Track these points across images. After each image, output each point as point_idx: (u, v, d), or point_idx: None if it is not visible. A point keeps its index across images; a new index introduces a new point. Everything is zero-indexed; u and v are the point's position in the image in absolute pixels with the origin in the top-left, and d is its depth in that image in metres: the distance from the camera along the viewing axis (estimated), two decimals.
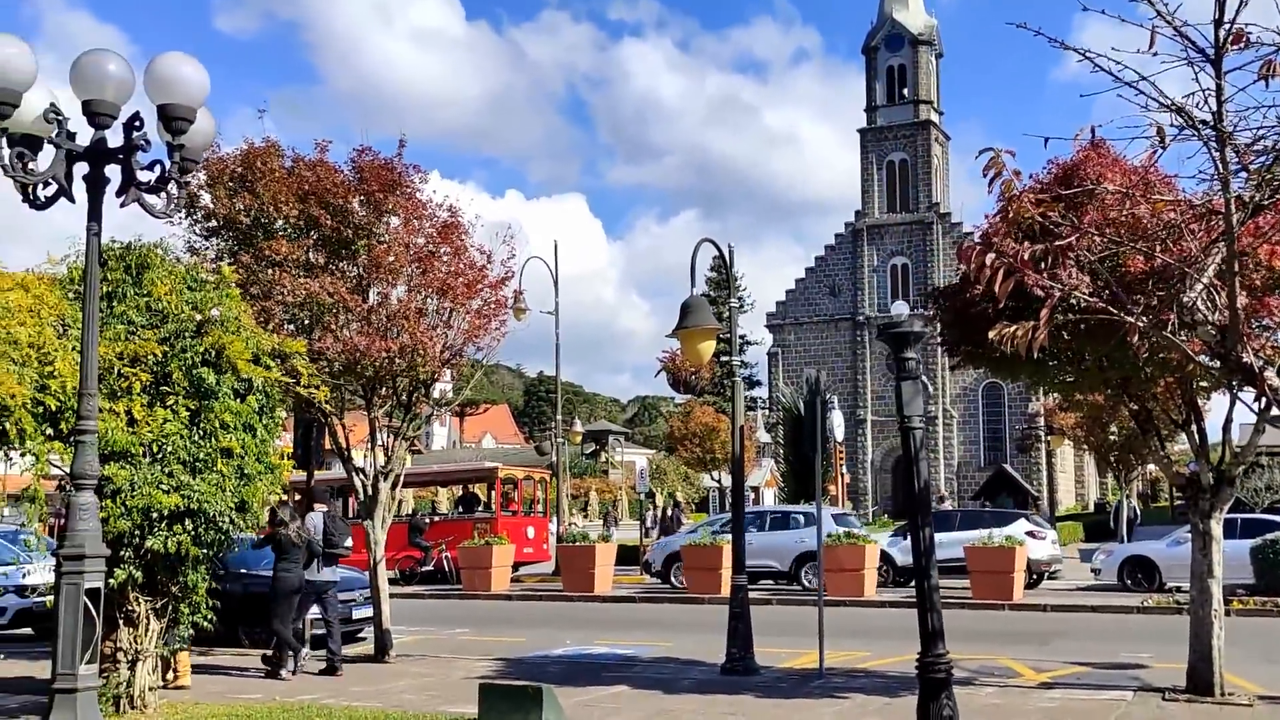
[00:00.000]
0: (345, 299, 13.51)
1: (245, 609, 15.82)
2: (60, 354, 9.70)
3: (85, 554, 6.35)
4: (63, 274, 10.90)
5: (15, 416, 9.10)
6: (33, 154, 6.64)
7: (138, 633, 10.56)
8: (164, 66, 6.45)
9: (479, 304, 14.35)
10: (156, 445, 10.47)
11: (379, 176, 13.86)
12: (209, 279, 11.34)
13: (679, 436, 37.98)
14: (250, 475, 10.98)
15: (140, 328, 10.64)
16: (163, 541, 10.27)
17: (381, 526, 14.63)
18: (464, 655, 15.49)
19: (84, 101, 6.52)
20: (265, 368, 11.08)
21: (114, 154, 6.70)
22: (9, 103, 6.28)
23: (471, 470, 36.04)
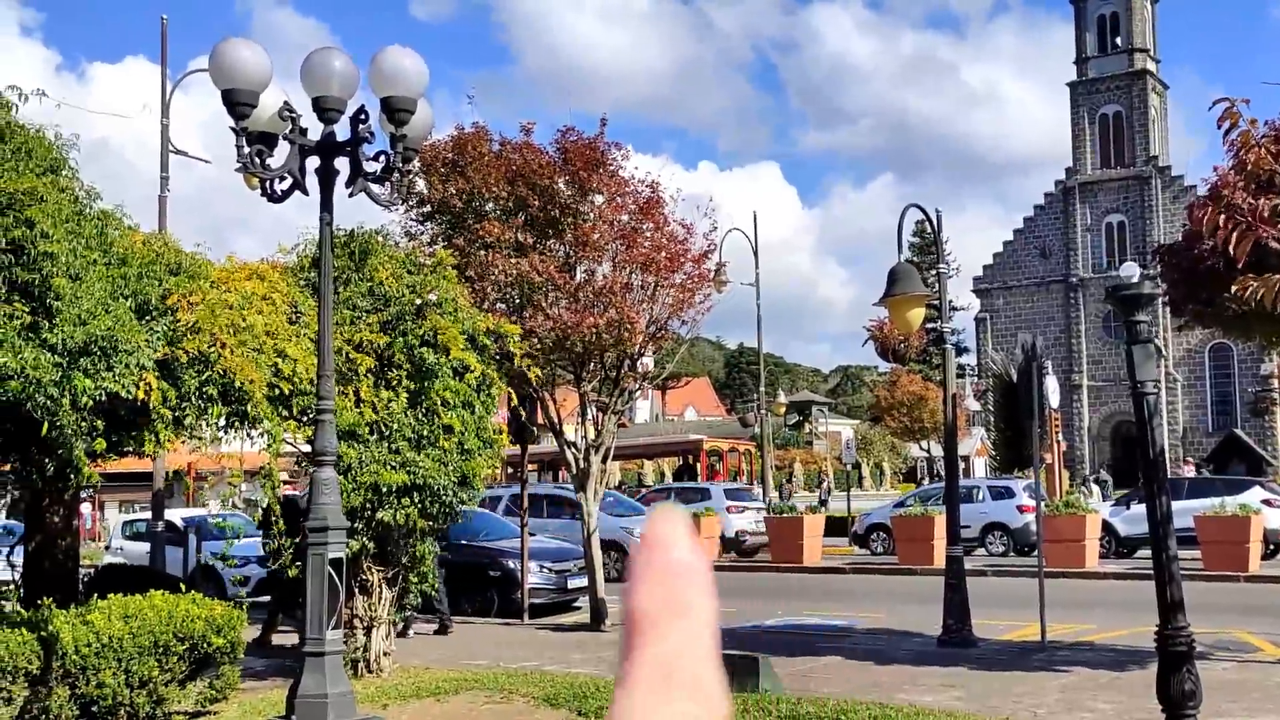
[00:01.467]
0: (554, 277, 13.83)
1: (465, 577, 16.50)
2: (292, 339, 10.26)
3: (329, 526, 6.74)
4: (292, 262, 11.51)
5: (254, 400, 9.68)
6: (269, 150, 7.05)
7: (372, 600, 11.13)
8: (387, 60, 6.74)
9: (682, 278, 14.46)
10: (383, 424, 10.99)
11: (582, 156, 14.11)
12: (426, 263, 11.79)
13: (885, 406, 37.43)
14: (470, 450, 11.40)
15: (364, 312, 11.15)
16: (392, 514, 10.78)
17: (594, 498, 14.95)
18: None
19: (314, 98, 6.87)
20: (482, 349, 11.47)
21: (342, 147, 7.05)
22: (248, 103, 6.68)
23: (677, 443, 36.40)
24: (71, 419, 8.25)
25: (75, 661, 8.44)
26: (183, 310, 9.46)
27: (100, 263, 8.78)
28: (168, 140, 20.00)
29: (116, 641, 8.63)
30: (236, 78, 6.59)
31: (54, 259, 7.81)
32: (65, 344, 8.09)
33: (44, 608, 8.94)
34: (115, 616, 8.83)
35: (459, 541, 16.27)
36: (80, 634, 8.52)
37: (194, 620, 9.17)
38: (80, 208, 8.85)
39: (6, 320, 7.67)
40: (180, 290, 9.56)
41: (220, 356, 9.47)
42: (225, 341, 9.53)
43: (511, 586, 17.05)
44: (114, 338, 8.39)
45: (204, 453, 10.85)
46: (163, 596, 9.37)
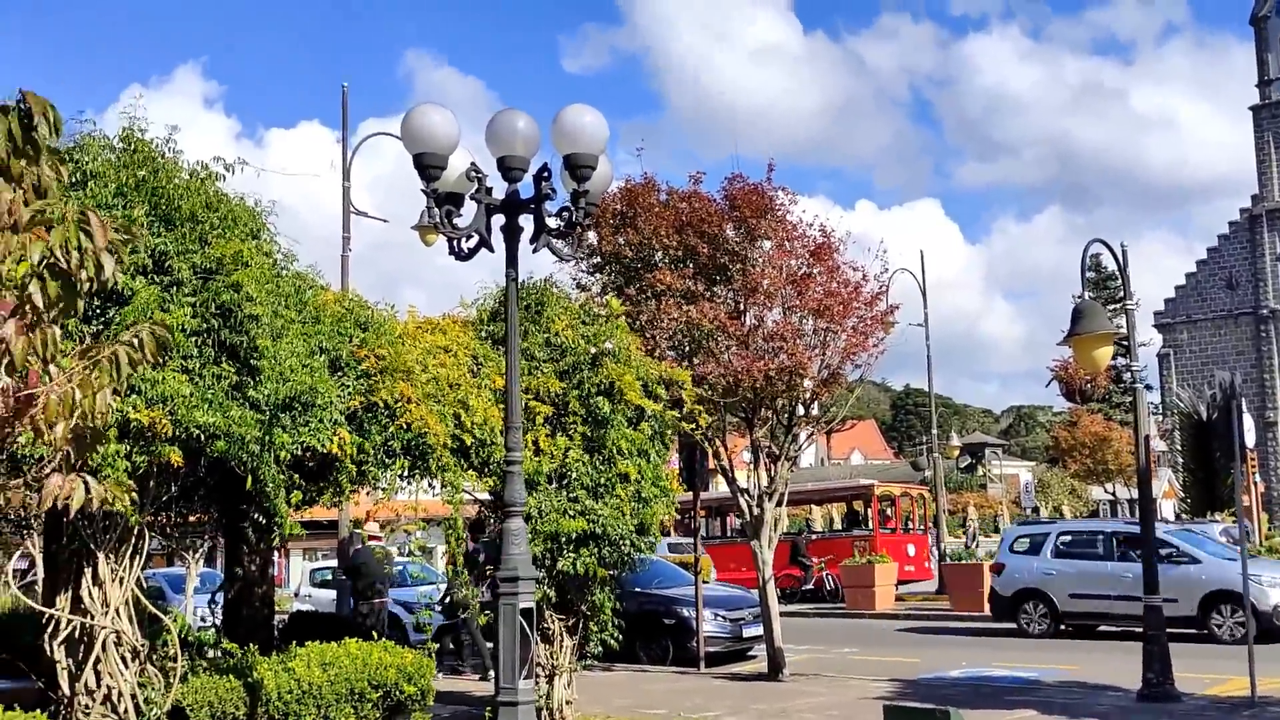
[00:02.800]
0: (724, 323, 13.87)
1: (641, 626, 16.52)
2: (474, 391, 10.52)
3: (519, 576, 6.85)
4: (472, 316, 11.83)
5: (438, 453, 9.94)
6: (457, 209, 7.28)
7: (554, 649, 11.23)
8: (569, 119, 6.91)
9: (855, 322, 14.31)
10: (560, 472, 11.15)
11: (750, 202, 14.16)
12: (600, 313, 11.96)
13: (1065, 448, 36.13)
14: (647, 499, 11.46)
15: (541, 362, 11.35)
16: (571, 563, 10.89)
17: (769, 545, 14.84)
18: (856, 675, 15.40)
19: (499, 158, 7.09)
20: (654, 397, 11.56)
21: (526, 204, 7.24)
22: (438, 166, 6.93)
23: (847, 488, 35.84)
24: (272, 472, 8.61)
25: (278, 707, 8.75)
26: (369, 364, 9.81)
27: (296, 321, 9.18)
28: (348, 202, 20.88)
29: (315, 688, 8.92)
30: (427, 142, 6.85)
31: (258, 321, 8.20)
32: (268, 401, 8.47)
33: (248, 654, 9.31)
34: (314, 664, 9.13)
35: (633, 589, 16.33)
36: (282, 680, 8.84)
37: (387, 668, 9.41)
38: (278, 270, 9.28)
39: (215, 381, 8.07)
40: (368, 345, 9.92)
41: (405, 410, 9.78)
42: (409, 395, 9.84)
43: (686, 635, 17.01)
44: (312, 393, 8.74)
45: (382, 502, 11.20)
46: (357, 644, 9.66)
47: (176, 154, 8.69)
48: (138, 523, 8.27)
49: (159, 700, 8.35)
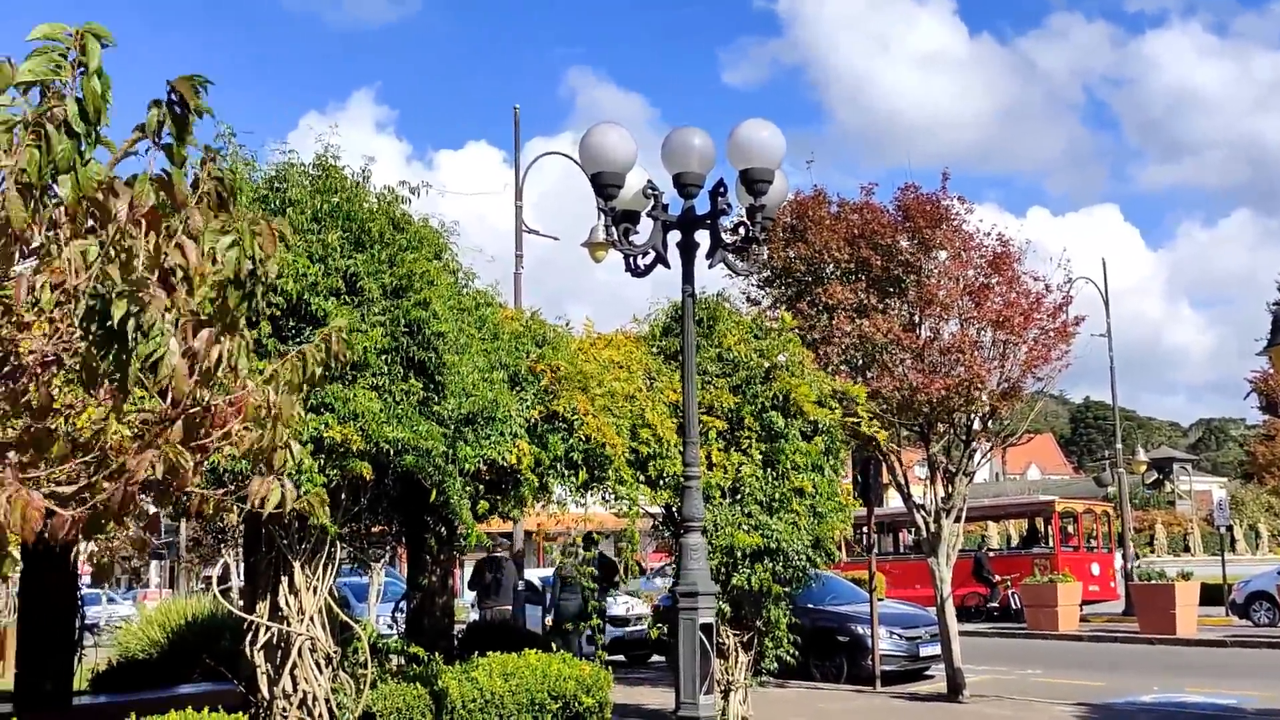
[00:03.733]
0: (898, 337, 13.64)
1: (815, 642, 16.33)
2: (649, 405, 10.60)
3: (698, 591, 6.86)
4: (645, 331, 11.94)
5: (615, 464, 10.06)
6: (633, 226, 7.37)
7: (729, 664, 11.21)
8: (745, 133, 6.92)
9: (1036, 333, 13.88)
10: (734, 487, 11.14)
11: (924, 212, 13.91)
12: (773, 327, 11.91)
13: (1262, 463, 34.21)
14: (822, 513, 11.35)
15: (714, 377, 11.37)
16: (746, 578, 10.86)
17: (947, 563, 14.49)
18: (1040, 697, 14.88)
19: (674, 175, 7.14)
20: (829, 410, 11.46)
21: (702, 220, 7.27)
22: (615, 184, 7.03)
23: (1027, 504, 34.71)
24: (457, 485, 8.86)
25: (462, 716, 8.97)
26: (547, 378, 10.00)
27: (478, 338, 9.43)
28: (521, 220, 21.35)
29: (497, 698, 9.12)
30: (605, 161, 6.96)
31: (443, 337, 8.46)
32: (452, 415, 8.72)
33: (432, 663, 9.58)
34: (495, 674, 9.33)
35: (806, 605, 16.16)
36: (466, 690, 9.06)
37: (566, 679, 9.55)
38: (460, 288, 9.56)
39: (404, 396, 8.35)
40: (545, 360, 10.12)
41: (583, 423, 9.93)
42: (586, 407, 9.99)
43: (860, 652, 16.75)
44: (493, 407, 8.97)
45: (553, 514, 11.37)
46: (536, 655, 9.83)
47: (366, 179, 9.05)
48: (335, 534, 8.61)
49: (351, 705, 8.65)
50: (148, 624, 18.71)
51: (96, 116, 3.23)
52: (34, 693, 10.43)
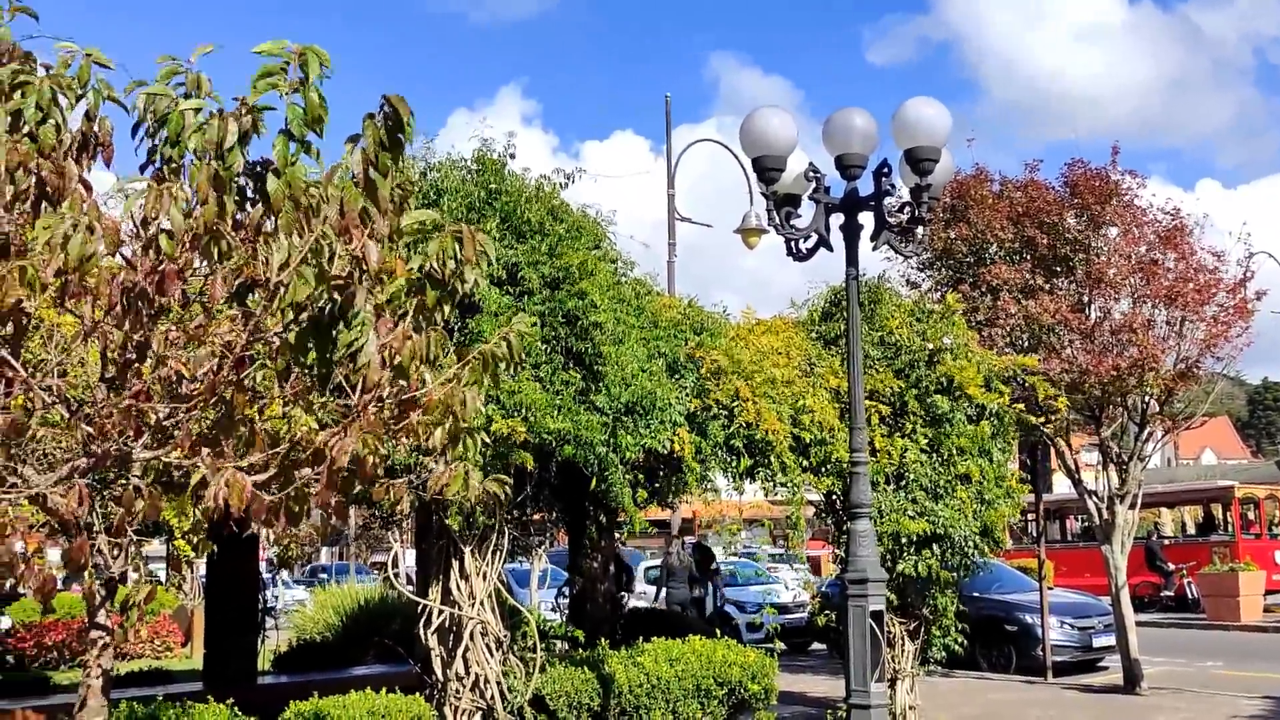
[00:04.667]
0: (1066, 317, 13.20)
1: (982, 632, 15.95)
2: (810, 391, 10.49)
3: (868, 578, 6.76)
4: (803, 317, 11.81)
5: (777, 450, 9.98)
6: (795, 210, 7.30)
7: (895, 653, 11.03)
8: (910, 112, 6.78)
9: (1215, 310, 13.25)
10: (898, 473, 10.95)
11: (1092, 188, 13.41)
12: (935, 309, 11.65)
13: None
14: (989, 500, 11.06)
15: (875, 361, 11.18)
16: (912, 565, 10.67)
17: (1121, 551, 13.98)
18: (1222, 691, 14.24)
19: (836, 156, 7.04)
20: (996, 393, 11.17)
21: (866, 201, 7.15)
22: (776, 169, 6.96)
23: (1203, 489, 33.21)
24: (618, 473, 8.92)
25: (629, 700, 9.05)
26: (706, 366, 9.99)
27: (636, 327, 9.48)
28: (673, 208, 21.39)
29: (664, 684, 9.17)
30: (766, 145, 6.90)
31: (602, 328, 8.53)
32: (611, 405, 8.79)
33: (599, 648, 9.68)
34: (661, 659, 9.38)
35: (971, 594, 15.79)
36: (632, 675, 9.13)
37: (731, 666, 9.54)
38: (618, 277, 9.61)
39: (564, 387, 8.45)
40: (704, 348, 10.10)
41: (743, 409, 9.89)
42: (746, 394, 9.94)
43: (1029, 642, 16.30)
44: (652, 396, 9.00)
45: (710, 502, 11.34)
46: (700, 642, 9.85)
47: (523, 170, 9.18)
48: (502, 522, 8.78)
49: (521, 688, 8.82)
50: (321, 608, 19.42)
51: (315, 124, 3.41)
52: (221, 671, 10.93)
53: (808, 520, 10.53)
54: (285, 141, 3.44)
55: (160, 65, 3.53)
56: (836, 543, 11.89)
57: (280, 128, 3.53)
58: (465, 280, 4.32)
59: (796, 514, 10.40)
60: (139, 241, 3.72)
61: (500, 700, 8.75)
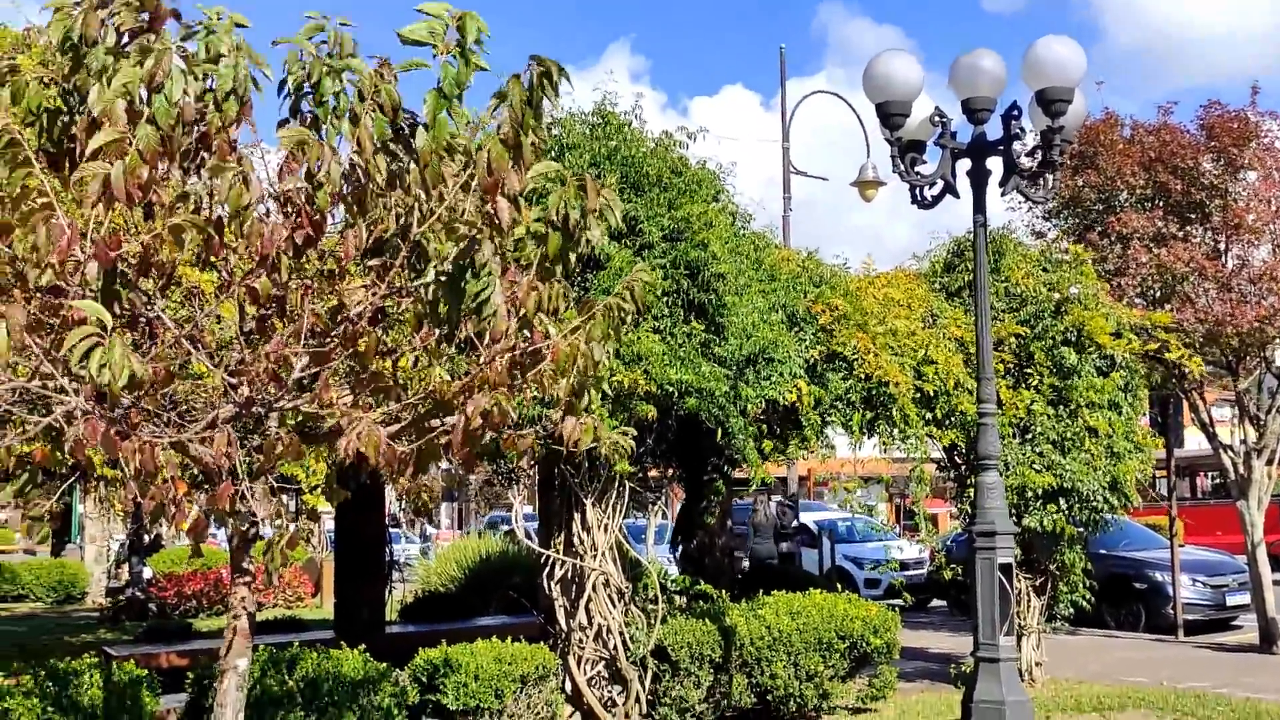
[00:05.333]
0: (1201, 266, 12.71)
1: (1109, 589, 15.60)
2: (933, 342, 10.32)
3: (996, 530, 6.65)
4: (925, 269, 11.59)
5: (900, 403, 9.85)
6: (920, 157, 7.14)
7: (1020, 609, 10.86)
8: (1041, 50, 6.56)
9: None
10: (1023, 426, 10.72)
11: (1230, 130, 12.86)
12: (1063, 259, 11.34)
13: None
14: (1119, 454, 10.78)
15: (1000, 312, 10.94)
16: (1038, 520, 10.46)
17: (1258, 508, 13.50)
18: None
19: (963, 100, 6.85)
20: (1127, 341, 10.86)
21: (993, 146, 6.96)
22: (901, 114, 6.81)
23: None
24: (740, 425, 8.90)
25: (751, 653, 9.07)
26: (825, 317, 9.89)
27: (756, 279, 9.42)
28: (788, 163, 21.15)
29: (785, 636, 9.16)
30: (891, 89, 6.75)
31: (723, 279, 8.49)
32: (732, 357, 8.76)
33: (719, 600, 9.72)
34: (783, 612, 9.37)
35: (1098, 551, 15.43)
36: (754, 628, 9.15)
37: (852, 620, 9.49)
38: (737, 230, 9.55)
39: (686, 339, 8.44)
40: (823, 299, 9.99)
41: (864, 361, 9.77)
42: (867, 345, 9.82)
43: (1159, 600, 15.89)
44: (773, 347, 8.95)
45: (824, 458, 11.23)
46: (822, 596, 9.81)
47: (642, 124, 9.14)
48: (623, 474, 8.83)
49: (643, 639, 8.91)
50: (444, 561, 19.88)
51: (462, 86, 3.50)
52: (351, 620, 11.26)
53: (920, 479, 10.38)
54: (436, 98, 3.51)
55: (305, 21, 3.60)
56: (958, 499, 11.71)
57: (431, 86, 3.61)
58: (590, 231, 4.33)
59: (920, 468, 10.28)
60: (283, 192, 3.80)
61: (623, 650, 8.85)
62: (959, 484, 11.34)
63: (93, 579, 24.07)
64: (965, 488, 10.91)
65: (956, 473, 11.31)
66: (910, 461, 10.75)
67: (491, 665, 8.09)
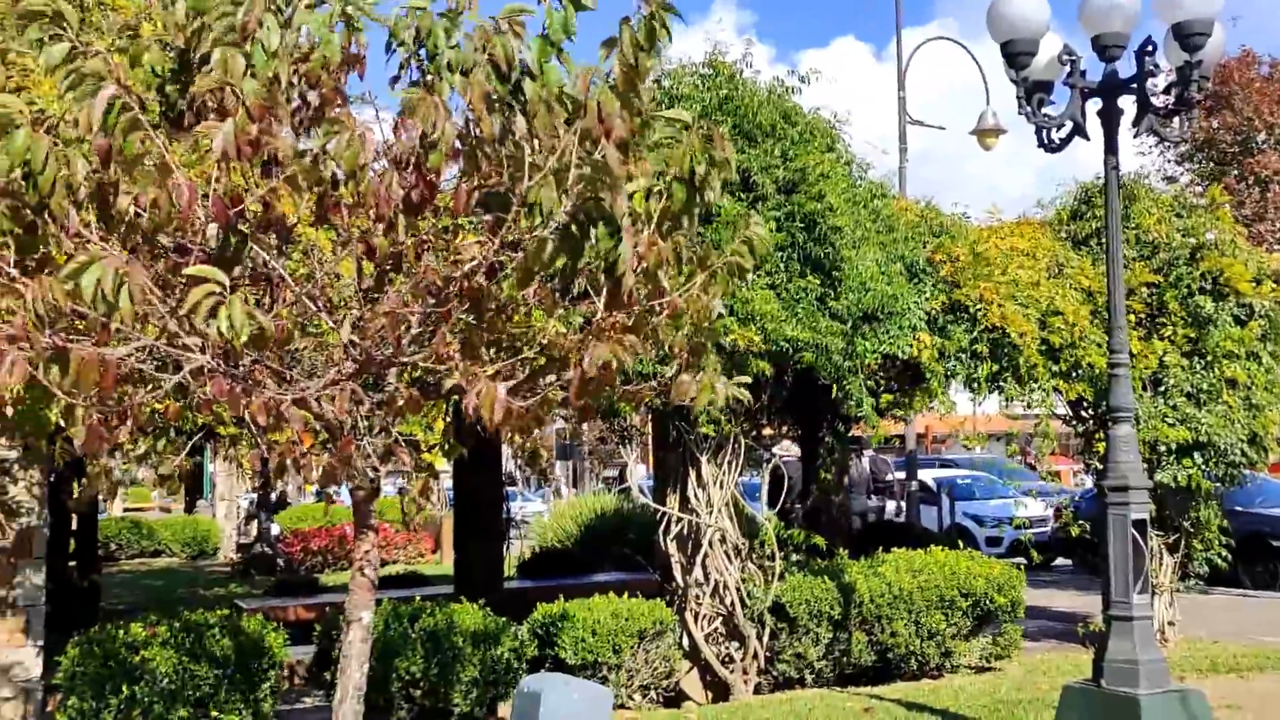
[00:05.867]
0: None
1: (1245, 548, 15.04)
2: (1060, 292, 9.98)
3: (1129, 485, 6.40)
4: (1050, 217, 11.21)
5: (1025, 355, 9.56)
6: (1047, 97, 6.85)
7: (1153, 567, 10.50)
8: None
9: None
10: (1155, 378, 10.33)
11: None
12: (1198, 204, 10.86)
13: None
14: (1258, 406, 10.33)
15: (1130, 261, 10.52)
16: (1171, 475, 10.09)
17: None
18: None
19: (1093, 37, 6.54)
20: (1269, 287, 10.38)
21: (1126, 84, 6.64)
22: (1027, 52, 6.53)
23: None
24: (857, 382, 8.74)
25: (870, 610, 8.95)
26: (946, 268, 9.63)
27: (873, 230, 9.20)
28: (904, 112, 20.65)
29: (906, 594, 9.02)
30: (1016, 28, 6.47)
31: (840, 232, 8.30)
32: (849, 311, 8.59)
33: (838, 558, 9.60)
34: (903, 570, 9.22)
35: (1233, 507, 14.87)
36: (873, 585, 9.02)
37: (975, 578, 9.30)
38: (854, 181, 9.33)
39: (802, 294, 8.29)
40: (943, 250, 9.73)
41: (987, 312, 9.50)
42: (990, 296, 9.54)
43: None
44: (891, 301, 8.74)
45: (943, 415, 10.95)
46: (944, 553, 9.62)
47: (754, 73, 8.97)
48: (738, 431, 8.76)
49: (760, 595, 8.85)
50: (559, 518, 20.10)
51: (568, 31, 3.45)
52: (470, 576, 11.42)
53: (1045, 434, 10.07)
54: (543, 45, 3.44)
55: None
56: (1085, 454, 11.38)
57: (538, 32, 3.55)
58: (713, 185, 4.23)
59: (1045, 423, 10.00)
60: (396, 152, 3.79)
61: (740, 606, 8.81)
62: (1086, 439, 11.00)
63: (223, 535, 24.96)
64: (1093, 443, 10.58)
65: (1084, 427, 10.97)
66: (1031, 417, 10.45)
67: (609, 620, 8.12)
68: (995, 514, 20.30)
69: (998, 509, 20.14)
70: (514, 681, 7.22)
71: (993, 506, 20.45)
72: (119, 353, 3.36)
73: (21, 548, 7.70)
